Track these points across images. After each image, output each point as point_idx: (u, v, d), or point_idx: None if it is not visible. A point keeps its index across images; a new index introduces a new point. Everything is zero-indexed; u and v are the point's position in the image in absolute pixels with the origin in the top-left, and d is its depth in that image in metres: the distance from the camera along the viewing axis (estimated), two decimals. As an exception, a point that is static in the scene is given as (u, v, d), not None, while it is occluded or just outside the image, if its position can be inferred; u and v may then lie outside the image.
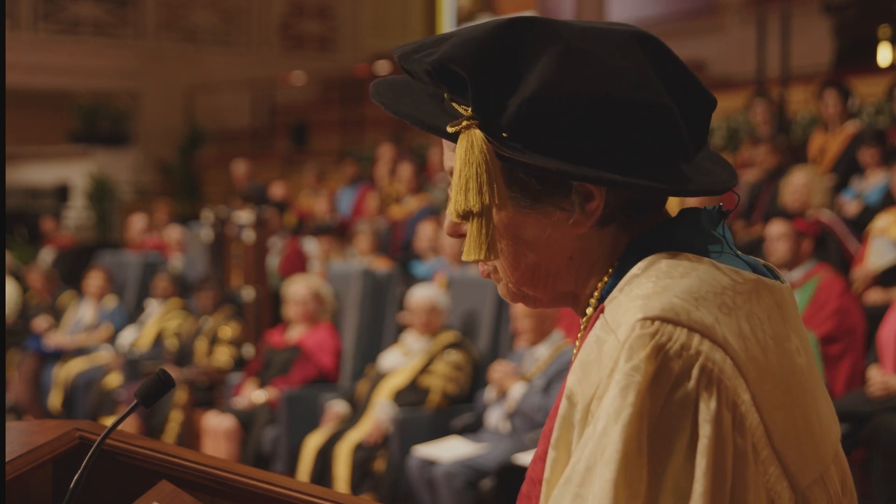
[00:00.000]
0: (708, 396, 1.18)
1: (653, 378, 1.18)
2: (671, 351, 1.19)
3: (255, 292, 8.55)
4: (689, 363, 1.19)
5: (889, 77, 9.14)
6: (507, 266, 1.36)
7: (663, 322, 1.20)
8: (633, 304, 1.23)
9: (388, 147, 11.29)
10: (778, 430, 1.23)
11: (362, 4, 18.28)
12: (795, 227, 6.03)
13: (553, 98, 1.26)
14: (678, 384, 1.19)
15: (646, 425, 1.18)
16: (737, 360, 1.21)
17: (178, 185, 16.64)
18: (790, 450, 1.24)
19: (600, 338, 1.24)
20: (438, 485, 5.98)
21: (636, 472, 1.17)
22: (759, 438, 1.21)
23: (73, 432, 1.81)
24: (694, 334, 1.20)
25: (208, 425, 7.63)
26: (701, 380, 1.19)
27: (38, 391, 9.70)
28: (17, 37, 15.53)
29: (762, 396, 1.22)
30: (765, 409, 1.22)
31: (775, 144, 8.17)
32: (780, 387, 1.24)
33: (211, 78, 16.94)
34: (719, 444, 1.18)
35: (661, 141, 1.29)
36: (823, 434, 1.29)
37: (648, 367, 1.18)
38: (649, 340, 1.19)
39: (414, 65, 1.34)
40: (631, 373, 1.18)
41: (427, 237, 8.52)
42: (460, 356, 6.71)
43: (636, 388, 1.18)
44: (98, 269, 10.24)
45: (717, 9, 13.47)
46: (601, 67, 1.27)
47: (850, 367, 5.79)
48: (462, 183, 1.29)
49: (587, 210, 1.31)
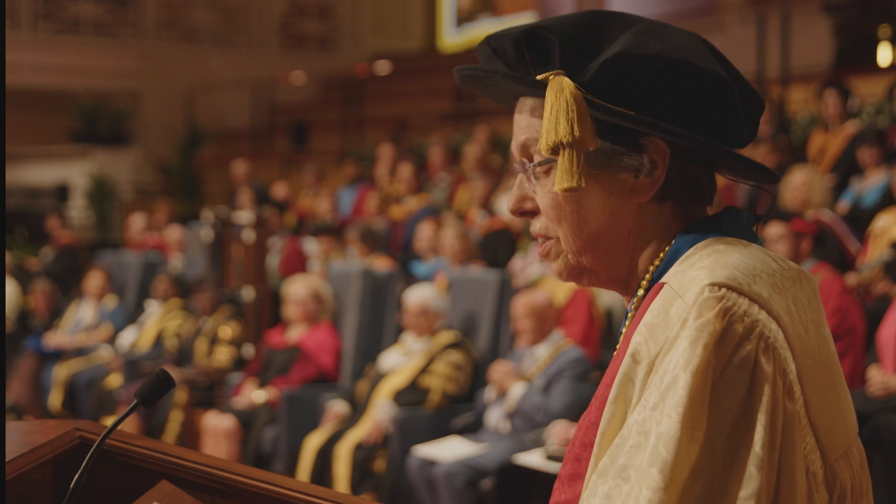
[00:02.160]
0: (766, 360, 1.29)
1: (720, 336, 1.28)
2: (736, 314, 1.30)
3: (255, 292, 8.55)
4: (751, 327, 1.30)
5: (889, 77, 9.14)
6: (570, 233, 1.44)
7: (728, 289, 1.31)
8: (700, 273, 1.33)
9: (388, 147, 11.30)
10: (814, 403, 1.33)
11: (362, 4, 18.27)
12: (793, 227, 6.03)
13: (631, 59, 1.37)
14: (741, 345, 1.29)
15: (710, 377, 1.27)
16: (787, 333, 1.32)
17: (178, 184, 16.64)
18: (823, 423, 1.34)
19: (667, 301, 1.33)
20: (438, 485, 5.98)
21: (699, 418, 1.26)
22: (801, 407, 1.31)
23: (73, 432, 1.82)
24: (754, 304, 1.31)
25: (208, 425, 7.63)
26: (760, 344, 1.29)
27: (38, 391, 9.70)
28: (17, 37, 15.53)
29: (803, 371, 1.33)
30: (805, 382, 1.32)
31: (775, 144, 8.17)
32: (817, 365, 1.35)
33: (211, 78, 16.94)
34: (774, 406, 1.28)
35: (722, 115, 1.41)
36: (848, 415, 1.40)
37: (716, 325, 1.28)
38: (717, 303, 1.30)
39: (503, 39, 1.43)
40: (701, 328, 1.28)
41: (427, 237, 8.51)
42: (460, 356, 6.71)
43: (705, 341, 1.28)
44: (98, 269, 10.24)
45: (717, 9, 13.47)
46: (675, 41, 1.40)
47: (849, 366, 5.79)
48: (553, 118, 1.37)
49: (654, 176, 1.40)
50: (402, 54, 17.59)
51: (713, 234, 1.41)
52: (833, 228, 6.90)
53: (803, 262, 6.03)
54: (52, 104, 16.67)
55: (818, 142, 8.37)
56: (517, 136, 1.47)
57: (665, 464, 1.24)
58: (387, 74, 16.09)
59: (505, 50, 1.43)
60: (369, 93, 15.72)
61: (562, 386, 5.93)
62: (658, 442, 1.25)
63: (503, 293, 6.99)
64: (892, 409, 5.31)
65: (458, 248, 7.93)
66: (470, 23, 18.53)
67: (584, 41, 1.39)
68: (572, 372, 5.96)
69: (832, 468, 1.35)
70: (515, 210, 1.49)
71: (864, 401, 5.41)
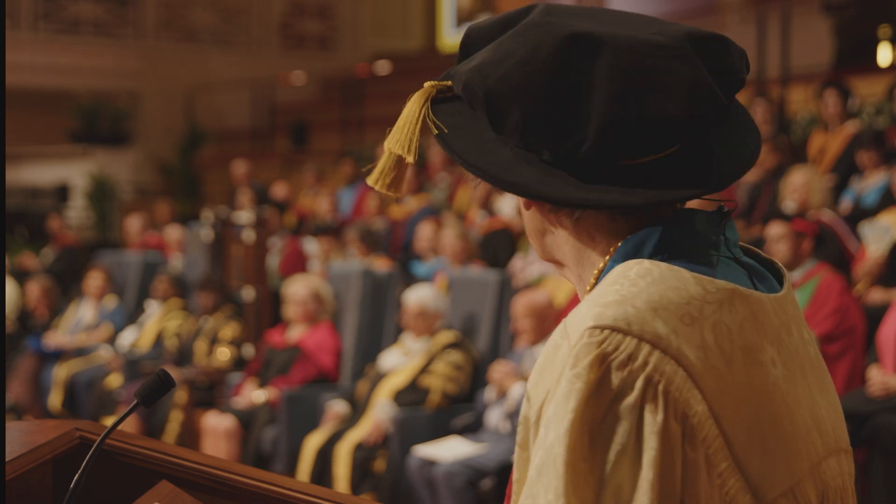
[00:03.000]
0: (654, 408, 1.19)
1: (595, 386, 1.19)
2: (616, 361, 1.20)
3: (255, 292, 8.55)
4: (635, 374, 1.20)
5: (889, 77, 9.14)
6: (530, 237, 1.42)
7: (613, 331, 1.21)
8: (591, 312, 1.23)
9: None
10: (740, 441, 1.22)
11: (362, 4, 18.27)
12: (794, 227, 6.03)
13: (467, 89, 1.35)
14: (621, 394, 1.19)
15: (587, 432, 1.18)
16: (692, 371, 1.21)
17: (178, 184, 16.64)
18: (754, 461, 1.23)
19: (556, 342, 1.25)
20: (438, 485, 5.98)
21: (583, 478, 1.18)
22: (716, 450, 1.21)
23: (73, 432, 1.82)
24: (644, 345, 1.20)
25: (208, 425, 7.63)
26: (646, 391, 1.19)
27: (38, 391, 9.70)
28: (17, 37, 15.53)
29: (722, 407, 1.22)
30: (725, 420, 1.21)
31: (775, 144, 8.17)
32: (745, 398, 1.24)
33: (211, 78, 16.94)
34: (667, 457, 1.18)
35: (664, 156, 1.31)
36: (798, 446, 1.28)
37: (590, 375, 1.19)
38: (595, 349, 1.20)
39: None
40: (573, 380, 1.20)
41: (427, 237, 8.51)
42: (460, 356, 6.71)
43: (576, 396, 1.19)
44: (98, 269, 10.23)
45: (717, 9, 13.47)
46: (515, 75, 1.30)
47: (849, 366, 5.79)
48: (399, 124, 1.44)
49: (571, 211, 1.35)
50: (402, 54, 17.59)
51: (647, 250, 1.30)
52: (833, 228, 6.90)
53: (804, 262, 6.03)
54: (52, 104, 16.66)
55: (818, 142, 8.37)
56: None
57: None
58: (387, 74, 16.09)
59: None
60: (369, 93, 15.72)
61: (562, 386, 5.93)
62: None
63: (503, 293, 6.99)
64: (892, 409, 5.31)
65: (458, 248, 7.93)
66: (470, 23, 18.49)
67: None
68: (572, 372, 5.96)
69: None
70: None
71: (864, 401, 5.42)
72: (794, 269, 5.99)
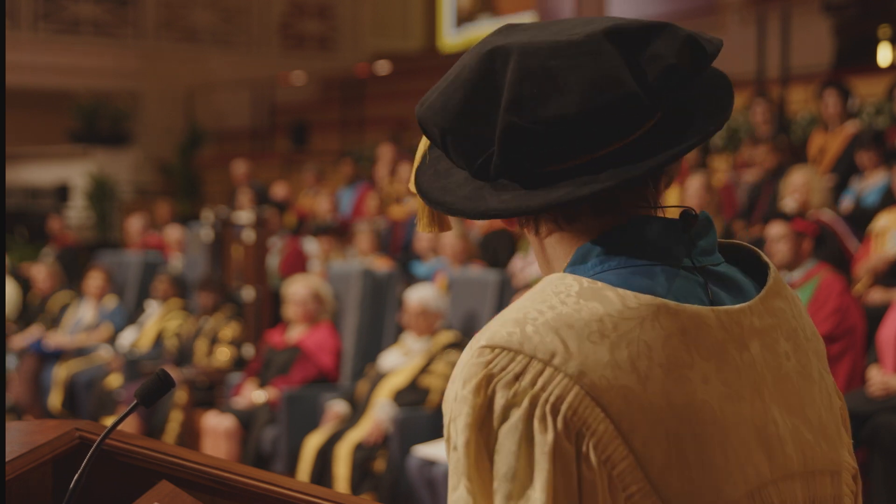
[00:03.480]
0: (542, 428, 1.16)
1: (482, 408, 1.18)
2: (501, 381, 1.18)
3: (255, 292, 8.55)
4: (521, 394, 1.17)
5: (889, 77, 9.14)
6: None
7: (503, 350, 1.19)
8: (490, 329, 1.22)
9: (388, 147, 11.30)
10: (656, 462, 1.18)
11: (362, 4, 18.27)
12: (794, 227, 6.04)
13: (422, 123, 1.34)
14: (507, 415, 1.17)
15: (484, 455, 1.17)
16: (592, 389, 1.17)
17: (178, 184, 16.64)
18: (674, 483, 1.18)
19: (461, 358, 1.24)
20: (438, 485, 5.98)
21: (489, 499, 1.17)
22: (624, 471, 1.17)
23: (73, 432, 1.82)
24: (535, 363, 1.18)
25: (208, 425, 7.63)
26: (533, 412, 1.16)
27: (38, 391, 9.70)
28: (17, 37, 15.53)
29: (633, 427, 1.17)
30: (636, 440, 1.17)
31: (775, 144, 8.18)
32: (663, 417, 1.19)
33: (211, 78, 16.94)
34: (560, 477, 1.15)
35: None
36: (732, 468, 1.22)
37: (476, 398, 1.18)
38: (482, 369, 1.19)
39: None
40: (461, 404, 1.19)
41: (427, 237, 8.52)
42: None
43: (465, 418, 1.18)
44: (98, 269, 10.24)
45: (717, 9, 13.47)
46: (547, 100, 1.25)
47: (849, 367, 5.79)
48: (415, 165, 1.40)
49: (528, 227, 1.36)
50: (402, 54, 17.60)
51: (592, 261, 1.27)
52: (833, 228, 6.90)
53: (804, 262, 6.03)
54: (52, 104, 16.66)
55: (818, 142, 8.37)
56: None
57: None
58: (387, 74, 16.09)
59: None
60: (369, 93, 15.73)
61: (562, 386, 5.93)
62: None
63: (503, 293, 6.99)
64: (892, 409, 5.31)
65: (458, 248, 7.93)
66: (470, 23, 18.53)
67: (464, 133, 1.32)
68: (572, 372, 5.96)
69: None
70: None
71: (864, 401, 5.42)
72: (794, 269, 5.99)
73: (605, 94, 1.23)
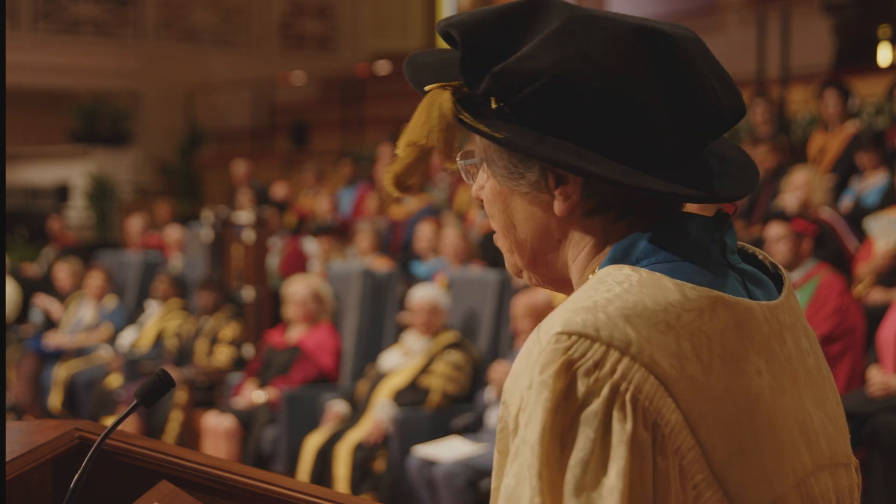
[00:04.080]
0: (622, 417, 1.16)
1: (562, 394, 1.17)
2: (582, 368, 1.18)
3: (255, 292, 8.55)
4: (601, 382, 1.17)
5: (889, 77, 9.14)
6: (500, 231, 1.38)
7: (581, 337, 1.19)
8: (561, 317, 1.21)
9: (389, 147, 11.29)
10: (719, 452, 1.19)
11: (362, 4, 18.28)
12: (794, 227, 6.03)
13: (524, 72, 1.26)
14: (587, 402, 1.17)
15: (558, 442, 1.16)
16: (664, 379, 1.18)
17: (178, 184, 16.64)
18: (734, 473, 1.20)
19: (529, 348, 1.23)
20: (438, 485, 5.98)
21: (558, 486, 1.16)
22: (691, 461, 1.18)
23: (73, 432, 1.81)
24: (612, 352, 1.18)
25: (208, 425, 7.63)
26: (614, 400, 1.17)
27: (38, 391, 9.70)
28: (17, 37, 15.53)
29: (699, 417, 1.19)
30: (702, 430, 1.19)
31: (775, 144, 8.18)
32: (724, 408, 1.20)
33: (211, 78, 16.94)
34: (636, 466, 1.15)
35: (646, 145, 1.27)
36: (783, 459, 1.24)
37: (557, 382, 1.17)
38: (561, 355, 1.18)
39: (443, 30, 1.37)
40: (540, 388, 1.18)
41: (427, 237, 8.51)
42: (460, 356, 6.71)
43: (543, 406, 1.17)
44: (98, 269, 10.24)
45: (717, 8, 13.47)
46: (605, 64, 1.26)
47: (849, 367, 5.79)
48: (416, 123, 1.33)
49: (564, 192, 1.30)
50: (402, 54, 17.56)
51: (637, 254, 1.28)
52: (833, 226, 6.90)
53: (804, 262, 6.03)
54: (52, 104, 16.66)
55: (818, 142, 8.37)
56: None
57: None
58: (387, 74, 16.09)
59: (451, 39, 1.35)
60: (369, 93, 15.72)
61: (562, 386, 5.93)
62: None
63: (503, 293, 6.99)
64: (892, 409, 5.31)
65: (458, 248, 7.93)
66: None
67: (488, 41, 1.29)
68: (572, 372, 5.96)
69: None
70: (475, 196, 1.43)
71: (864, 401, 5.42)
72: (794, 270, 5.99)
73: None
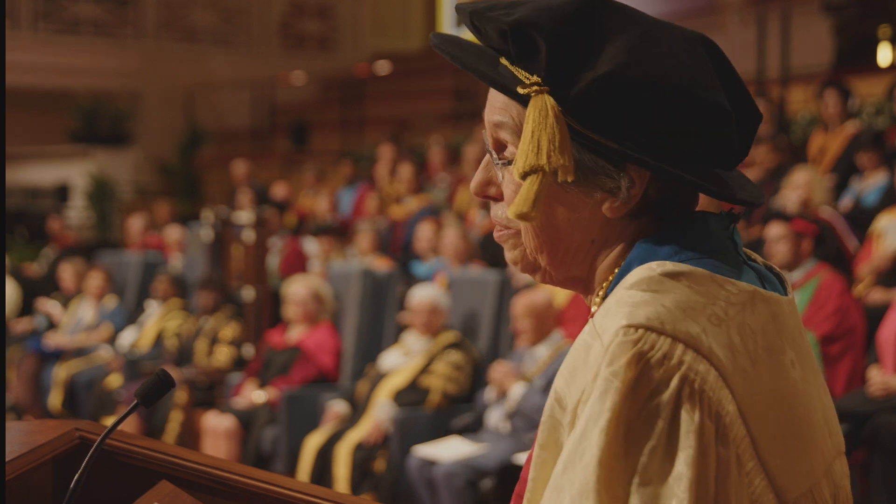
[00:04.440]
0: (690, 407, 1.19)
1: (632, 384, 1.19)
2: (652, 359, 1.20)
3: (255, 292, 8.55)
4: (670, 372, 1.19)
5: (889, 77, 9.14)
6: (531, 233, 1.36)
7: (647, 330, 1.21)
8: (621, 311, 1.23)
9: (389, 147, 11.30)
10: (764, 441, 1.23)
11: (362, 4, 18.27)
12: (794, 227, 6.03)
13: (624, 80, 1.27)
14: (657, 392, 1.19)
15: (623, 431, 1.18)
16: (722, 371, 1.21)
17: (178, 184, 16.64)
18: (777, 461, 1.24)
19: (587, 342, 1.24)
20: (438, 485, 5.98)
21: (617, 475, 1.18)
22: (744, 450, 1.22)
23: (73, 432, 1.81)
24: (678, 344, 1.21)
25: (208, 425, 7.63)
26: (682, 390, 1.19)
27: (38, 391, 9.70)
28: (17, 37, 15.53)
29: (749, 408, 1.22)
30: (751, 420, 1.22)
31: (775, 144, 8.18)
32: (769, 399, 1.24)
33: (211, 78, 16.94)
34: (702, 455, 1.18)
35: (714, 144, 1.31)
36: (815, 447, 1.29)
37: (628, 373, 1.19)
38: (631, 347, 1.20)
39: (488, 22, 1.32)
40: (610, 378, 1.19)
41: (427, 237, 8.51)
42: (460, 356, 6.71)
43: (614, 393, 1.18)
44: (98, 269, 10.24)
45: (717, 8, 13.47)
46: (673, 59, 1.29)
47: (849, 367, 5.79)
48: (534, 141, 1.28)
49: (630, 195, 1.31)
50: (402, 54, 17.59)
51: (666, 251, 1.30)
52: (832, 225, 6.90)
53: (804, 262, 6.03)
54: (52, 104, 16.66)
55: (818, 142, 8.37)
56: (490, 113, 1.37)
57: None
58: (387, 74, 16.08)
59: (488, 33, 1.33)
60: (369, 93, 15.72)
61: (562, 386, 5.92)
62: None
63: (503, 293, 6.99)
64: (892, 409, 5.31)
65: (458, 248, 7.93)
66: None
67: (576, 45, 1.28)
68: (572, 372, 5.95)
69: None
70: (478, 193, 1.41)
71: (864, 401, 5.42)
72: (794, 270, 5.99)
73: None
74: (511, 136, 1.35)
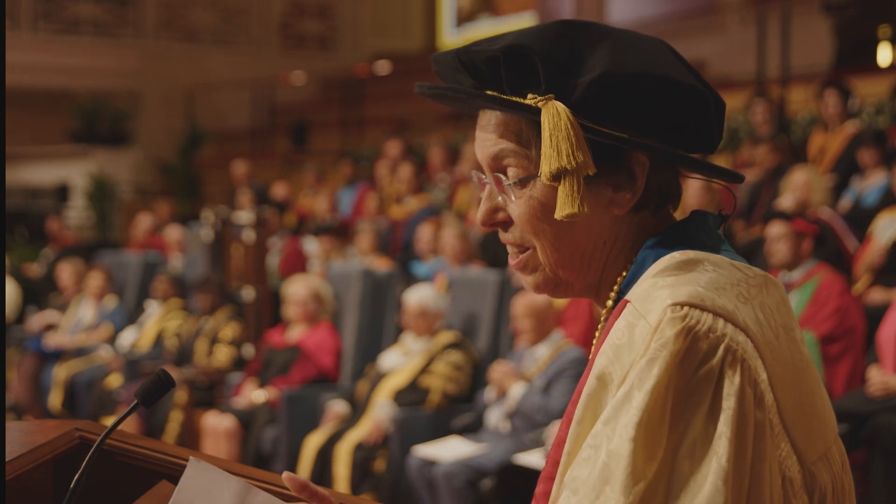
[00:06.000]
0: (732, 373, 1.30)
1: (682, 355, 1.29)
2: (700, 332, 1.31)
3: (255, 292, 8.55)
4: (716, 343, 1.31)
5: (889, 77, 9.15)
6: (547, 245, 1.45)
7: (692, 307, 1.32)
8: (661, 293, 1.34)
9: (395, 143, 11.27)
10: (788, 409, 1.34)
11: (362, 4, 18.27)
12: (794, 227, 6.03)
13: (618, 77, 1.39)
14: (705, 361, 1.30)
15: (670, 396, 1.28)
16: (756, 342, 1.33)
17: (178, 184, 16.64)
18: (798, 428, 1.35)
19: (631, 322, 1.34)
20: (438, 485, 5.98)
21: (655, 437, 1.27)
22: (773, 415, 1.32)
23: (73, 432, 1.81)
24: (719, 318, 1.32)
25: (208, 425, 7.63)
26: (726, 358, 1.30)
27: (38, 391, 9.70)
28: (17, 37, 15.53)
29: (775, 377, 1.33)
30: (778, 389, 1.33)
31: (775, 144, 8.18)
32: (789, 370, 1.36)
33: (211, 78, 16.94)
34: (741, 417, 1.28)
35: (699, 125, 1.44)
36: (825, 417, 1.41)
37: (676, 344, 1.29)
38: (679, 322, 1.31)
39: (475, 55, 1.43)
40: (660, 348, 1.29)
41: (427, 237, 8.51)
42: (460, 356, 6.71)
43: (662, 361, 1.29)
44: (98, 269, 10.24)
45: (717, 8, 13.47)
46: (649, 56, 1.42)
47: (849, 367, 5.79)
48: (554, 145, 1.38)
49: (633, 189, 1.42)
50: (402, 54, 17.59)
51: (679, 245, 1.41)
52: (832, 225, 6.90)
53: (804, 262, 6.03)
54: (52, 104, 16.67)
55: (818, 142, 8.37)
56: (486, 148, 1.47)
57: (618, 482, 1.25)
58: (387, 74, 16.09)
59: (476, 66, 1.43)
60: (369, 93, 15.72)
61: (562, 386, 5.93)
62: (609, 459, 1.27)
63: (503, 293, 6.99)
64: (892, 409, 5.31)
65: (458, 249, 7.93)
66: (470, 23, 18.53)
67: (563, 60, 1.40)
68: (572, 372, 5.97)
69: (811, 472, 1.36)
70: (486, 222, 1.49)
71: (864, 401, 5.41)
72: (795, 269, 5.99)
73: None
74: (514, 158, 1.45)
